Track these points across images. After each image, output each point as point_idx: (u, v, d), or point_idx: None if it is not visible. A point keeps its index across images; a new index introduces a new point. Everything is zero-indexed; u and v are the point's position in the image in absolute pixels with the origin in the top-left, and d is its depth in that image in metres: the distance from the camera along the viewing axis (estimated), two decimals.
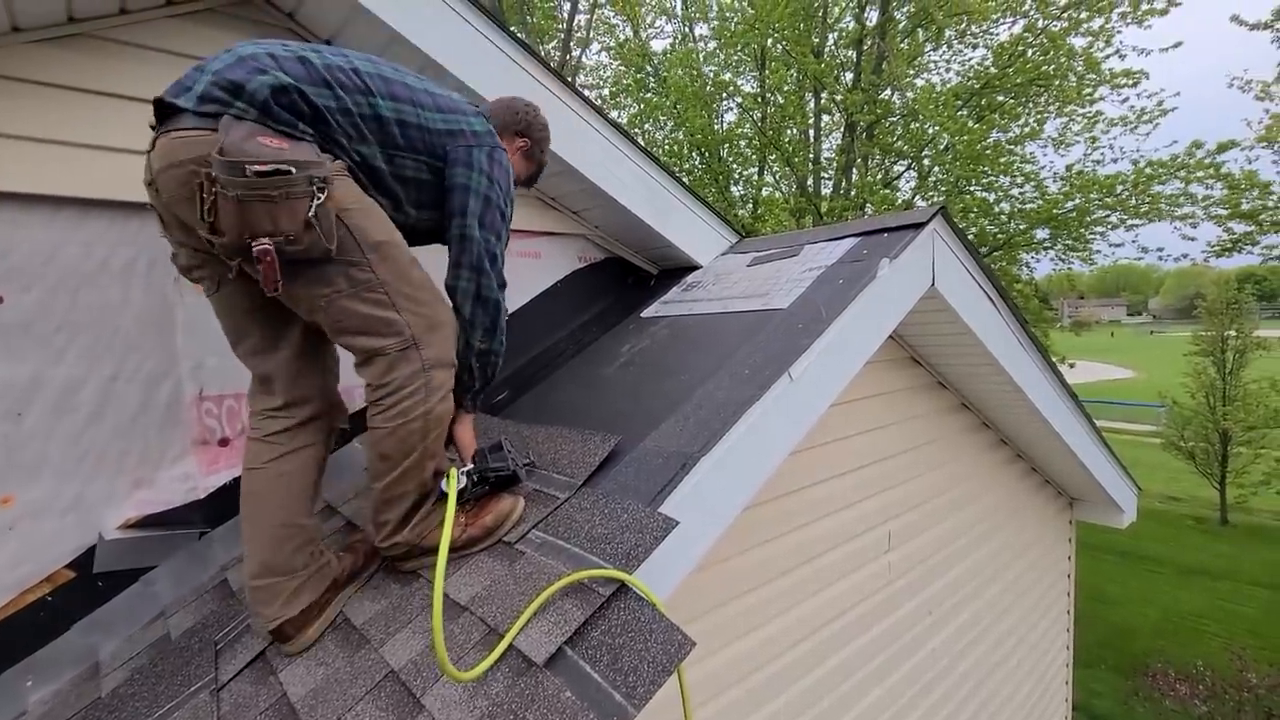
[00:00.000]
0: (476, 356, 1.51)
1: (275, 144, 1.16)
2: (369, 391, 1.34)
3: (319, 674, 1.26)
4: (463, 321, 1.47)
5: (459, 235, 1.47)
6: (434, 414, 1.36)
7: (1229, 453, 16.09)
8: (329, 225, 1.20)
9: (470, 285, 1.47)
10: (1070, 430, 3.16)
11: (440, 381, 1.37)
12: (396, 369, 1.31)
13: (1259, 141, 9.03)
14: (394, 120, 1.39)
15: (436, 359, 1.35)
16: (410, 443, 1.34)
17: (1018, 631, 3.75)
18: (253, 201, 1.11)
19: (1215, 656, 9.50)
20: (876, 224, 2.20)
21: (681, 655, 1.05)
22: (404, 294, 1.32)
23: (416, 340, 1.32)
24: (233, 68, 1.21)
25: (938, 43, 10.19)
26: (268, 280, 1.16)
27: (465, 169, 1.47)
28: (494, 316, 1.51)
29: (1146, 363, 40.70)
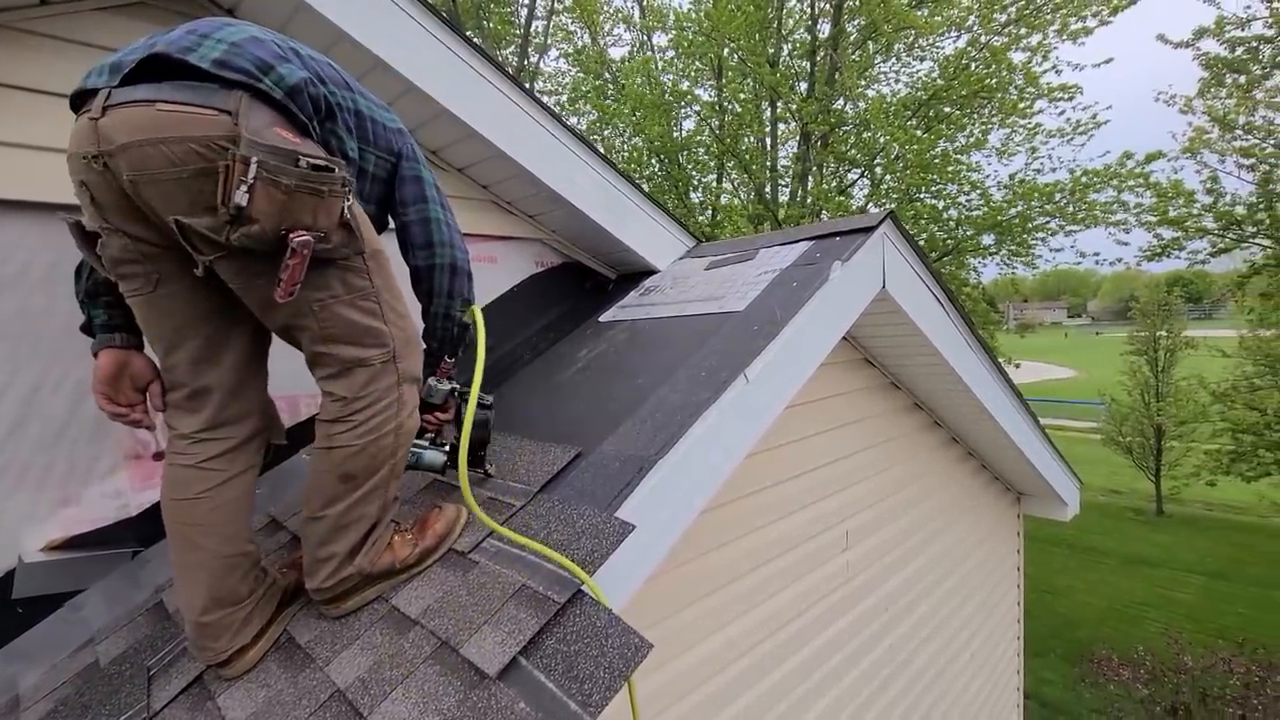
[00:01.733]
0: (456, 325, 1.53)
1: (292, 138, 1.09)
2: (338, 406, 1.26)
3: (260, 697, 1.20)
4: (439, 294, 1.49)
5: (423, 219, 1.48)
6: (404, 429, 1.32)
7: (1163, 447, 16.98)
8: (359, 225, 1.19)
9: (446, 259, 1.48)
10: (1016, 428, 3.27)
11: (409, 397, 1.33)
12: (376, 381, 1.27)
13: (1183, 152, 9.60)
14: (368, 116, 1.38)
15: (409, 373, 1.33)
16: (379, 460, 1.28)
17: (971, 624, 3.86)
18: (302, 193, 1.06)
19: (1155, 641, 9.97)
20: (829, 228, 2.24)
21: (639, 659, 1.03)
22: (392, 305, 1.30)
23: (396, 353, 1.29)
24: (253, 44, 1.12)
25: (887, 55, 10.53)
26: (291, 279, 1.08)
27: (415, 163, 1.50)
28: (469, 285, 1.54)
29: (1087, 362, 42.69)
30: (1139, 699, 8.06)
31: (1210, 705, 7.46)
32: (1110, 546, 15.35)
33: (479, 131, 2.02)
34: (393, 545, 1.36)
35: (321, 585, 1.29)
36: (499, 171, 2.25)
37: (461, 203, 2.32)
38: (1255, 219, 9.55)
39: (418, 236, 1.48)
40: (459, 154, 2.22)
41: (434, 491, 1.69)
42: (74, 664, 1.54)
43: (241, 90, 1.06)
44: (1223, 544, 15.29)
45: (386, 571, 1.34)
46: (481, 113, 2.03)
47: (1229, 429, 12.00)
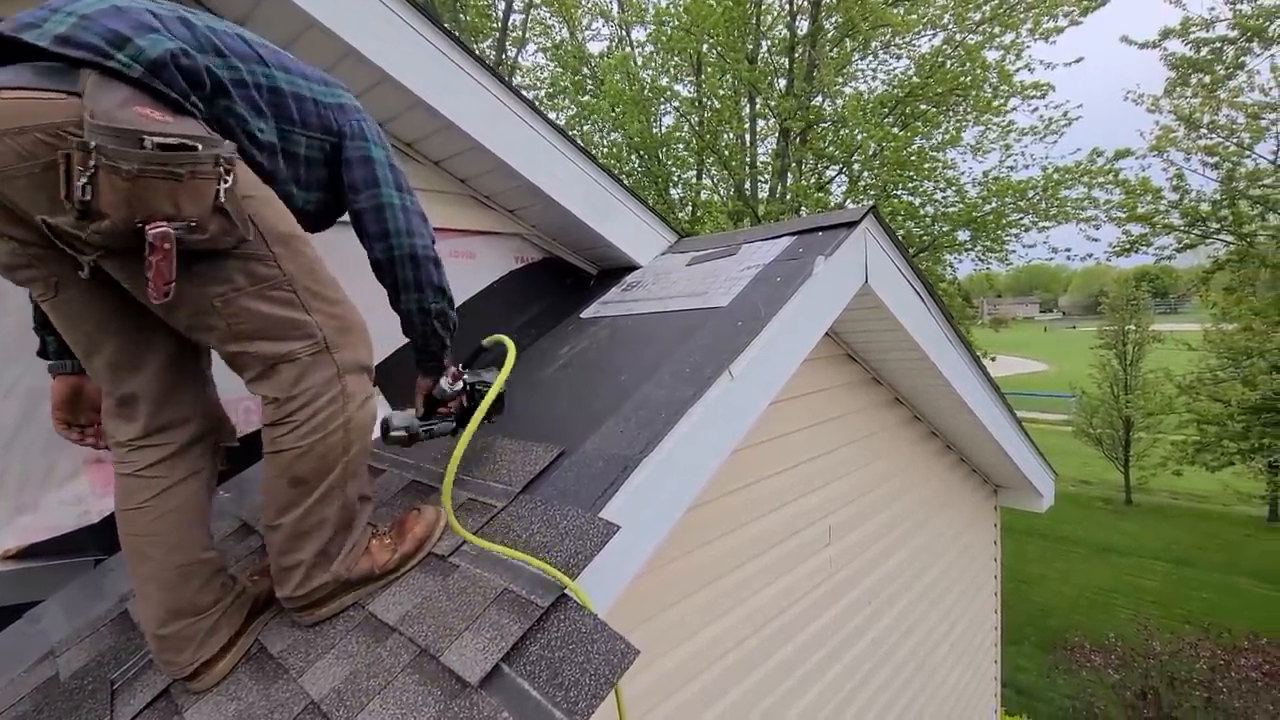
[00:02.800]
0: (435, 318, 1.43)
1: (158, 116, 0.98)
2: (272, 409, 1.17)
3: (230, 710, 1.15)
4: (407, 287, 1.39)
5: (375, 206, 1.36)
6: (355, 423, 1.23)
7: (1131, 438, 17.44)
8: (240, 211, 1.06)
9: (405, 249, 1.37)
10: (994, 421, 3.31)
11: (356, 388, 1.24)
12: (309, 376, 1.17)
13: (1151, 150, 9.84)
14: (290, 93, 1.26)
15: (352, 363, 1.23)
16: (330, 459, 1.19)
17: (951, 615, 3.91)
18: (151, 178, 0.94)
19: (1125, 627, 10.25)
20: (811, 223, 2.23)
21: (625, 665, 1.01)
22: (313, 292, 1.19)
23: (329, 343, 1.19)
24: (109, 15, 1.00)
25: (864, 52, 10.62)
26: (159, 277, 0.96)
27: (363, 141, 1.38)
28: (438, 272, 1.43)
29: (1059, 356, 43.66)
30: (1110, 684, 8.28)
31: (1178, 689, 7.68)
32: (1081, 536, 15.75)
33: (456, 124, 1.97)
34: (370, 550, 1.31)
35: (293, 594, 1.22)
36: (477, 165, 2.20)
37: (438, 196, 2.27)
38: (1219, 215, 9.84)
39: (371, 225, 1.37)
40: (435, 147, 2.16)
41: (412, 494, 1.65)
42: (32, 678, 1.47)
43: (89, 68, 0.96)
44: (1187, 532, 15.79)
45: (365, 577, 1.28)
46: (459, 105, 1.97)
47: (1194, 420, 12.37)
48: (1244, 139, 9.26)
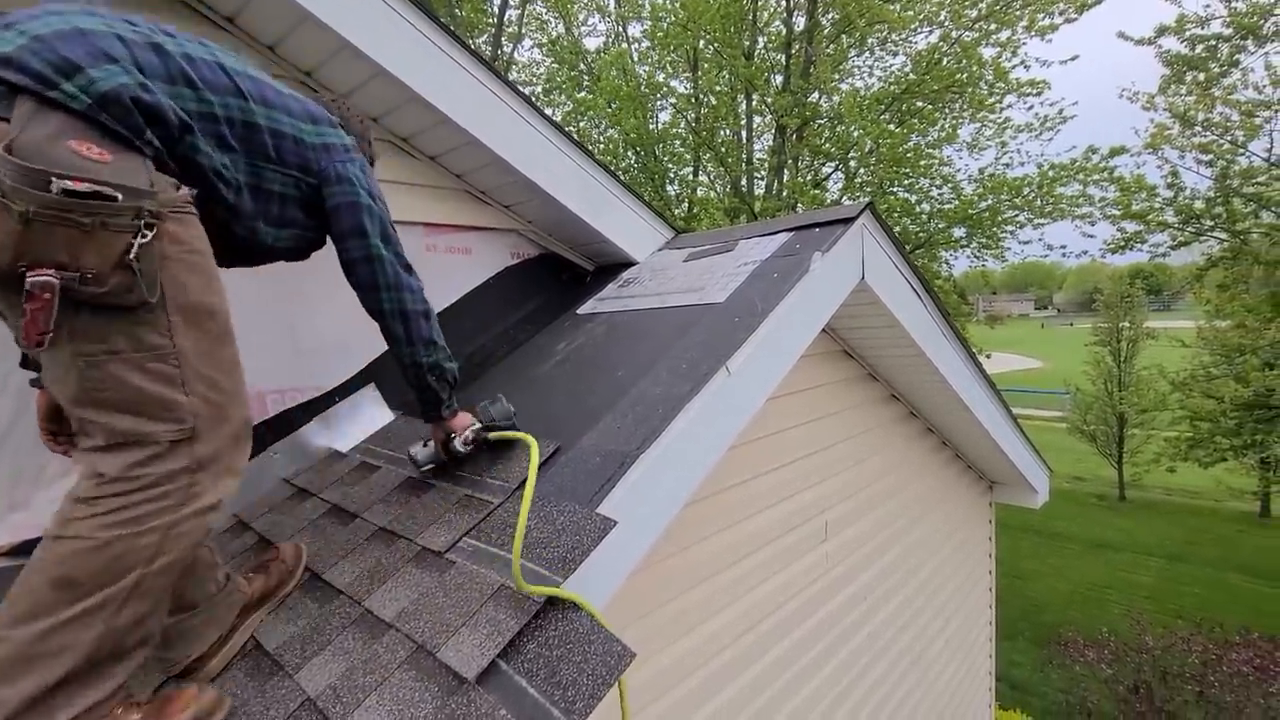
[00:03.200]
0: (429, 372, 1.43)
1: (94, 153, 0.90)
2: (90, 485, 0.96)
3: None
4: (399, 342, 1.40)
5: (365, 257, 1.35)
6: (179, 530, 1.00)
7: (1125, 434, 17.54)
8: (152, 270, 0.95)
9: (395, 304, 1.37)
10: (990, 418, 3.32)
11: (205, 489, 1.04)
12: (154, 463, 0.99)
13: (1145, 148, 9.87)
14: (267, 129, 1.22)
15: (211, 459, 1.05)
16: (125, 564, 0.95)
17: (946, 610, 3.93)
18: (49, 224, 0.86)
19: (1118, 622, 10.31)
20: (808, 219, 2.23)
21: (622, 666, 1.01)
22: (201, 374, 1.03)
23: (197, 432, 1.02)
24: (67, 39, 0.94)
25: (861, 49, 10.61)
26: (33, 326, 0.87)
27: (349, 186, 1.35)
28: (429, 325, 1.42)
29: (1053, 353, 43.84)
30: (1103, 679, 8.32)
31: (1170, 683, 7.73)
32: (1075, 532, 15.83)
33: (452, 119, 1.96)
34: None
35: None
36: (472, 160, 2.19)
37: (434, 191, 2.26)
38: (1213, 213, 9.88)
39: (362, 276, 1.37)
40: (431, 142, 2.15)
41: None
42: None
43: (26, 95, 0.89)
44: (1180, 527, 15.89)
45: None
46: (454, 99, 1.96)
47: (1187, 417, 12.44)
48: (1238, 136, 9.29)
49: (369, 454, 1.89)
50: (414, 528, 1.44)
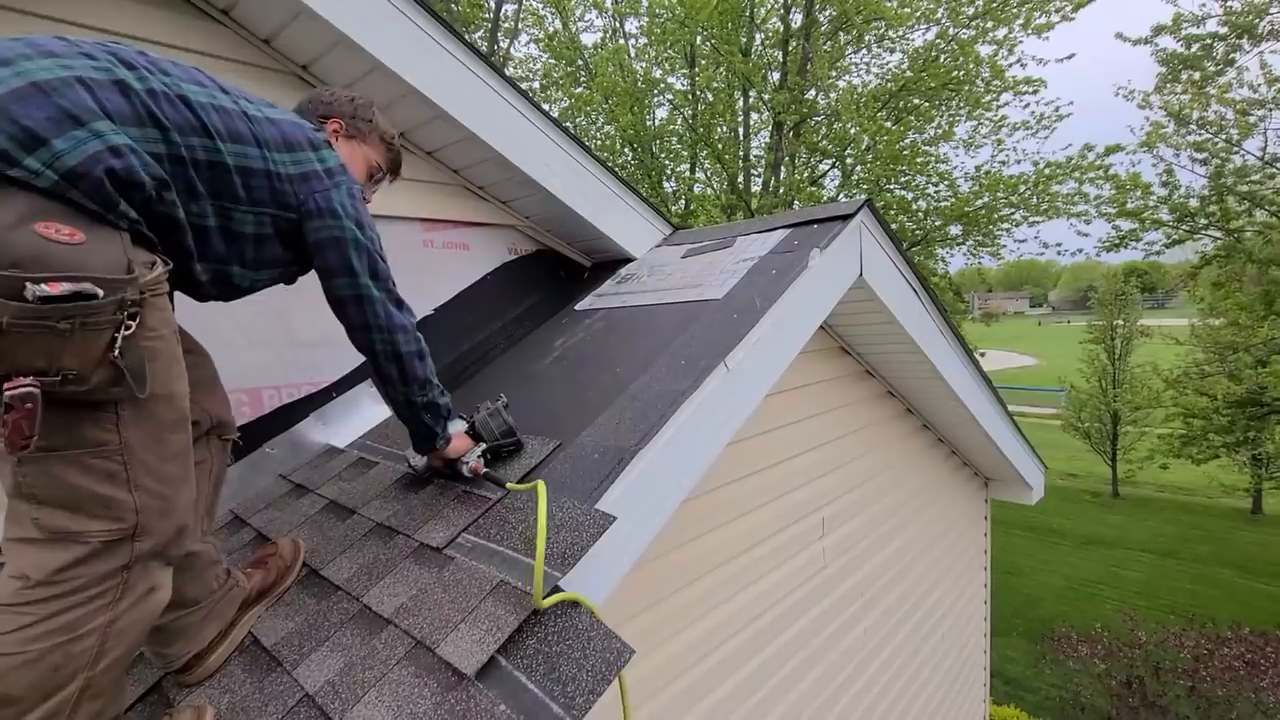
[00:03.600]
0: (424, 410, 1.39)
1: (64, 234, 0.81)
2: (14, 586, 0.88)
3: (223, 703, 1.14)
4: (391, 382, 1.35)
5: (354, 296, 1.27)
6: (122, 624, 0.92)
7: (1119, 432, 17.63)
8: (139, 361, 0.88)
9: (387, 346, 1.30)
10: (986, 415, 3.33)
11: (140, 579, 0.95)
12: (86, 564, 0.89)
13: (1141, 146, 9.90)
14: (235, 168, 1.10)
15: (150, 552, 0.96)
16: (66, 672, 0.87)
17: (942, 606, 3.94)
18: (25, 334, 0.77)
19: (1111, 618, 10.39)
20: (806, 215, 2.22)
21: (621, 663, 1.01)
22: (149, 467, 0.93)
23: (139, 529, 0.93)
24: (26, 102, 0.82)
25: (858, 46, 10.59)
26: (17, 434, 0.79)
27: (333, 220, 1.24)
28: (423, 365, 1.37)
29: (1048, 350, 44.03)
30: (1096, 674, 8.39)
31: (1163, 678, 7.80)
32: (1068, 528, 15.92)
33: (450, 113, 1.95)
34: None
35: None
36: (471, 155, 2.18)
37: (432, 187, 2.25)
38: (1207, 211, 9.92)
39: (352, 315, 1.29)
40: (429, 137, 2.14)
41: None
42: None
43: None
44: (1172, 524, 15.99)
45: None
46: (453, 94, 1.95)
47: (1181, 414, 12.50)
48: (1233, 135, 9.33)
49: (366, 450, 1.88)
50: (412, 523, 1.44)
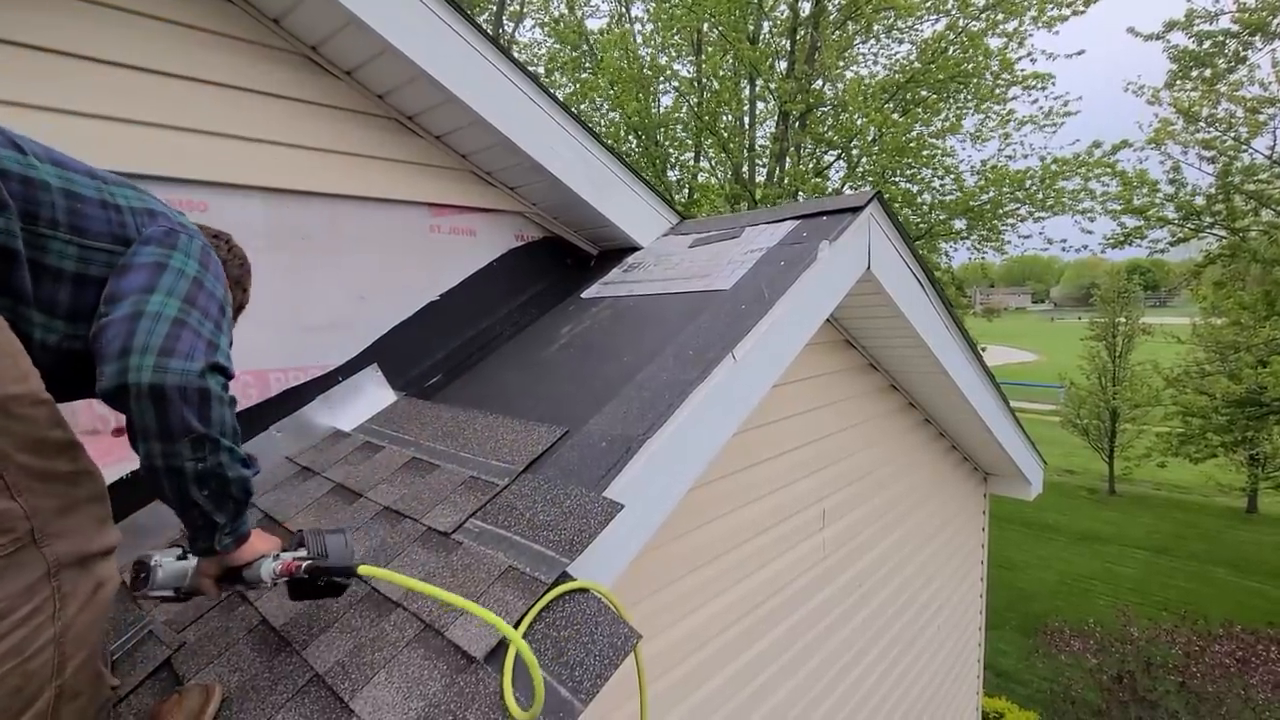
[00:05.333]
0: (195, 481, 0.99)
1: None
2: None
3: (233, 682, 1.15)
4: (148, 441, 0.96)
5: (128, 315, 0.96)
6: (75, 631, 0.89)
7: (1117, 429, 17.67)
8: None
9: (144, 379, 0.92)
10: (989, 410, 3.33)
11: (77, 584, 0.90)
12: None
13: (1149, 143, 9.85)
14: (61, 190, 0.96)
15: (72, 554, 0.89)
16: (31, 690, 0.84)
17: (939, 599, 3.97)
18: None
19: (1104, 613, 10.46)
20: (815, 207, 2.22)
21: (628, 648, 1.02)
22: (30, 469, 0.86)
23: (39, 533, 0.86)
24: None
25: (867, 36, 10.50)
26: None
27: (164, 248, 1.05)
28: (201, 410, 0.97)
29: (1049, 347, 44.02)
30: (1088, 668, 8.46)
31: (1154, 673, 7.87)
32: (1063, 524, 16.00)
33: (459, 97, 1.94)
34: None
35: None
36: (479, 140, 2.17)
37: (438, 172, 2.24)
38: (1213, 210, 9.89)
39: (110, 344, 0.95)
40: (437, 120, 2.13)
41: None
42: None
43: None
44: (1167, 521, 16.08)
45: None
46: (462, 78, 1.94)
47: (1180, 412, 12.54)
48: (1242, 133, 9.28)
49: (372, 434, 1.89)
50: (419, 508, 1.45)
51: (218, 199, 1.77)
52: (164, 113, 1.65)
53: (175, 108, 1.67)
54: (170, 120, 1.66)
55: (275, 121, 1.85)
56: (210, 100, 1.73)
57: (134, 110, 1.61)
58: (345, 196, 2.02)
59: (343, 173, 1.99)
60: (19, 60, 1.46)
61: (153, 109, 1.64)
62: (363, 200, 2.07)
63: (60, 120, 1.51)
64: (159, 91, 1.65)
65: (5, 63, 1.44)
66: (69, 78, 1.52)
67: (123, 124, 1.60)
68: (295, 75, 1.88)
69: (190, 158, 1.70)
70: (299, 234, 1.94)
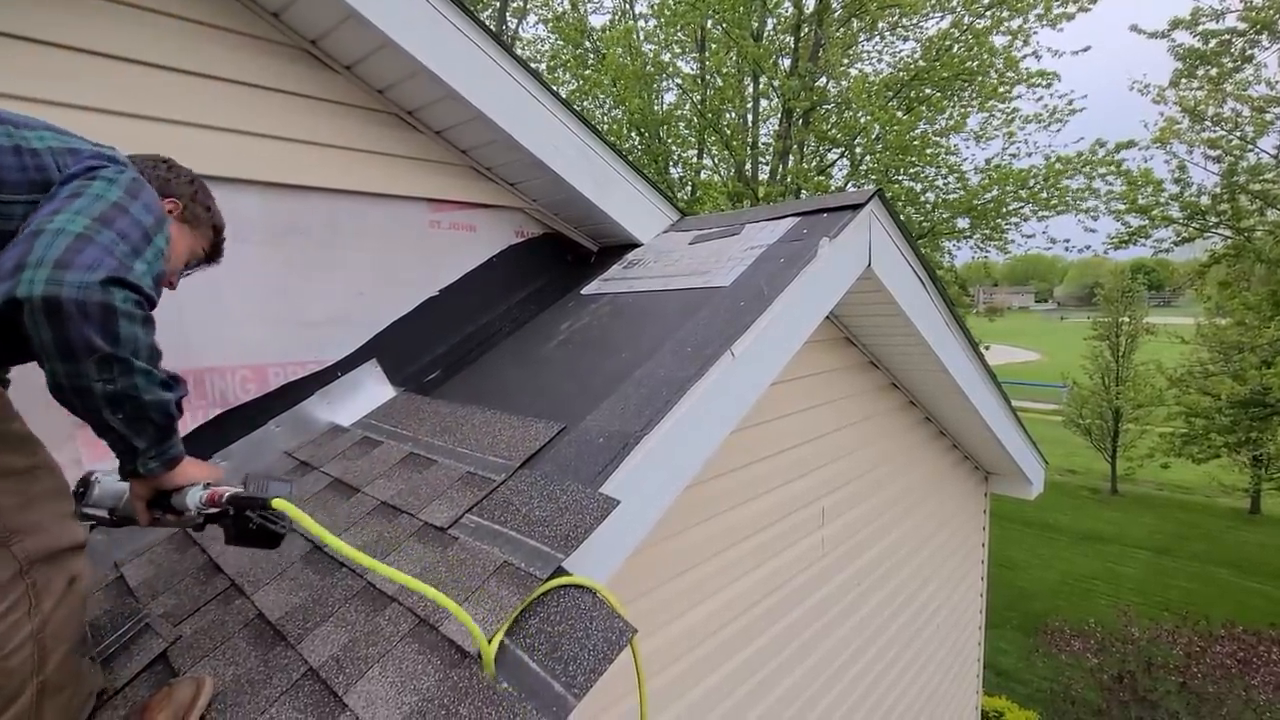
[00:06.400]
0: (107, 403, 0.92)
1: None
2: None
3: (228, 675, 1.15)
4: (51, 359, 0.88)
5: (26, 236, 0.89)
6: (53, 626, 0.89)
7: (1120, 429, 17.61)
8: None
9: (37, 291, 0.84)
10: (990, 409, 3.32)
11: (50, 578, 0.89)
12: None
13: (1154, 142, 9.79)
14: None
15: (40, 550, 0.88)
16: (12, 687, 0.85)
17: (938, 597, 3.97)
18: None
19: (1104, 613, 10.45)
20: (816, 204, 2.21)
21: (623, 643, 1.02)
22: None
23: (3, 530, 0.86)
24: None
25: (871, 33, 10.45)
26: None
27: (84, 181, 0.98)
28: (107, 327, 0.88)
29: (1051, 346, 43.90)
30: (1088, 668, 8.45)
31: (1154, 673, 7.86)
32: (1065, 523, 15.97)
33: (460, 93, 1.93)
34: None
35: None
36: (479, 136, 2.16)
37: (438, 167, 2.24)
38: (1218, 209, 9.84)
39: (4, 263, 0.87)
40: (437, 116, 2.12)
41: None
42: None
43: None
44: (1169, 522, 16.04)
45: None
46: (463, 73, 1.93)
47: (1183, 413, 12.49)
48: (1248, 132, 9.22)
49: (370, 429, 1.89)
50: (416, 503, 1.45)
51: (217, 193, 1.77)
52: (162, 106, 1.65)
53: (173, 101, 1.67)
54: (168, 114, 1.66)
55: (274, 116, 1.85)
56: (209, 94, 1.72)
57: (131, 104, 1.61)
58: (344, 192, 2.02)
59: (342, 168, 1.99)
60: (11, 52, 1.46)
61: (151, 102, 1.64)
62: (362, 195, 2.06)
63: (55, 113, 1.50)
64: (157, 85, 1.65)
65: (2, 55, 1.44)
66: (65, 71, 1.52)
67: (120, 117, 1.60)
68: (295, 70, 1.88)
69: (189, 152, 1.69)
70: (298, 229, 1.94)
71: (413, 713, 0.96)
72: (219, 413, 1.80)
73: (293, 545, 1.46)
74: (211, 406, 1.79)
